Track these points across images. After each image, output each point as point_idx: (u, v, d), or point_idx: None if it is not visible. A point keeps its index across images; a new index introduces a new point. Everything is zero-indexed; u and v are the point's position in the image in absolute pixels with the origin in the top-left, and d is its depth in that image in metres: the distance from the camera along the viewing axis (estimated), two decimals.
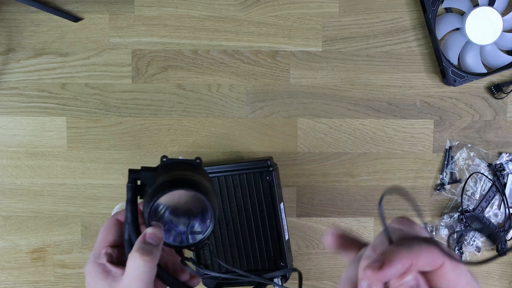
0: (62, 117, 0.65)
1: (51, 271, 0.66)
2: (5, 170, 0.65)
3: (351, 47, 0.65)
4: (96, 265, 0.41)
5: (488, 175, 0.66)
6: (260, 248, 0.59)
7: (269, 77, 0.65)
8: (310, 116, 0.65)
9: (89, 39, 0.64)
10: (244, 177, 0.58)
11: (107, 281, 0.40)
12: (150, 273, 0.39)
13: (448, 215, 0.66)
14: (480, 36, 0.62)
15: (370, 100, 0.65)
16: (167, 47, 0.65)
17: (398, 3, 0.65)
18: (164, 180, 0.39)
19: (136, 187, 0.42)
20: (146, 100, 0.65)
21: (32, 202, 0.66)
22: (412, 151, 0.66)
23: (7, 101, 0.65)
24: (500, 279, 0.67)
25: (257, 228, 0.59)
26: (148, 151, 0.65)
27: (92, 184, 0.66)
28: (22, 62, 0.64)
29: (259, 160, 0.59)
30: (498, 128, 0.66)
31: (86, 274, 0.42)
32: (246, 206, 0.58)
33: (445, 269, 0.27)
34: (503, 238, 0.31)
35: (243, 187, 0.58)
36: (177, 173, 0.41)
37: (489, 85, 0.66)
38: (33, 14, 0.64)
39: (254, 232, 0.59)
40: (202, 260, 0.59)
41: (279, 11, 0.64)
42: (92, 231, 0.66)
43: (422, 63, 0.65)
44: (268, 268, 0.58)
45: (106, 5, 0.64)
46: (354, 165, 0.66)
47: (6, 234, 0.66)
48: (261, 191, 0.58)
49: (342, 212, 0.66)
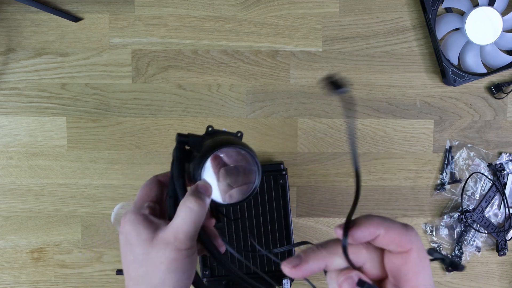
0: (62, 117, 0.65)
1: (51, 271, 0.66)
2: (5, 170, 0.65)
3: (351, 47, 0.65)
4: (138, 214, 0.41)
5: (488, 175, 0.66)
6: (270, 250, 0.59)
7: (269, 77, 0.65)
8: (310, 116, 0.65)
9: (89, 39, 0.64)
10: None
11: (150, 229, 0.40)
12: (200, 218, 0.39)
13: (448, 215, 0.66)
14: (480, 36, 0.62)
15: (370, 100, 0.65)
16: (167, 47, 0.65)
17: (398, 3, 0.65)
18: (215, 140, 0.42)
19: (183, 150, 0.43)
20: (146, 100, 0.65)
21: (32, 202, 0.66)
22: (412, 151, 0.66)
23: (7, 101, 0.65)
24: (500, 279, 0.67)
25: (267, 230, 0.59)
26: (148, 151, 0.65)
27: (92, 184, 0.66)
28: (22, 62, 0.64)
29: (273, 164, 0.60)
30: (498, 128, 0.66)
31: (125, 223, 0.41)
32: (259, 208, 0.58)
33: (411, 256, 0.28)
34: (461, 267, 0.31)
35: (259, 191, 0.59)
36: (224, 137, 0.43)
37: (489, 85, 0.66)
38: (33, 14, 0.64)
39: (265, 233, 0.59)
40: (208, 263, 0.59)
41: (279, 11, 0.64)
42: (92, 231, 0.66)
43: (422, 63, 0.65)
44: (276, 270, 0.59)
45: (106, 5, 0.64)
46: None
47: (6, 234, 0.66)
48: (273, 193, 0.58)
49: (342, 212, 0.66)
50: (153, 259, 0.39)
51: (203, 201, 0.40)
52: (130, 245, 0.40)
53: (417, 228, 0.67)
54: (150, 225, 0.40)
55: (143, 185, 0.44)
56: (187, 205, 0.39)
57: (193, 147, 0.43)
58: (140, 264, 0.40)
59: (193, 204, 0.39)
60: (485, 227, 0.66)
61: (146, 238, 0.40)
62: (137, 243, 0.40)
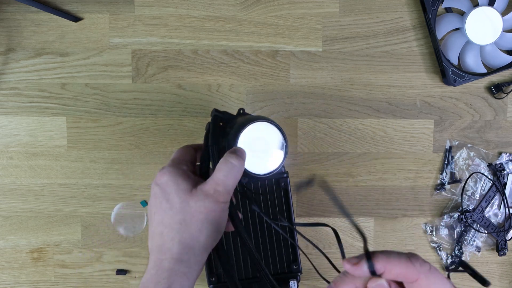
0: (62, 117, 0.65)
1: (51, 271, 0.66)
2: (5, 170, 0.65)
3: (351, 47, 0.65)
4: (177, 168, 0.43)
5: (488, 175, 0.66)
6: (275, 253, 0.59)
7: (269, 77, 0.65)
8: (310, 116, 0.65)
9: (89, 39, 0.64)
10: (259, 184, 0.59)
11: (189, 182, 0.42)
12: (239, 175, 0.42)
13: (448, 215, 0.66)
14: (480, 36, 0.62)
15: (370, 100, 0.65)
16: (167, 47, 0.65)
17: (398, 3, 0.65)
18: (249, 117, 0.46)
19: (218, 124, 0.48)
20: (146, 100, 0.65)
21: (32, 202, 0.66)
22: (412, 151, 0.66)
23: (7, 101, 0.65)
24: (500, 279, 0.67)
25: (271, 233, 0.59)
26: (148, 151, 0.65)
27: (92, 184, 0.66)
28: (22, 62, 0.64)
29: None
30: (498, 128, 0.66)
31: (163, 174, 0.42)
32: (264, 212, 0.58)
33: (420, 284, 0.29)
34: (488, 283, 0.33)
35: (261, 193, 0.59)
36: (256, 115, 0.47)
37: (489, 85, 0.66)
38: (33, 14, 0.64)
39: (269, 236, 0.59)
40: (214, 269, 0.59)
41: (279, 11, 0.64)
42: (92, 231, 0.66)
43: (422, 63, 0.65)
44: (282, 272, 0.59)
45: (106, 5, 0.64)
46: (354, 165, 0.66)
47: (6, 234, 0.66)
48: (276, 197, 0.58)
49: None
50: (191, 208, 0.41)
51: (243, 160, 0.42)
52: (167, 194, 0.41)
53: (417, 228, 0.67)
54: (188, 179, 0.42)
55: (179, 149, 0.47)
56: (228, 160, 0.42)
57: (226, 123, 0.48)
58: (177, 212, 0.41)
59: (235, 160, 0.42)
60: (485, 227, 0.66)
61: (185, 189, 0.41)
62: (176, 192, 0.41)
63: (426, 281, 0.29)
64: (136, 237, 0.66)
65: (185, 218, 0.41)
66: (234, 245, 0.58)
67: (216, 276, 0.57)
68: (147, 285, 0.40)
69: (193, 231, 0.41)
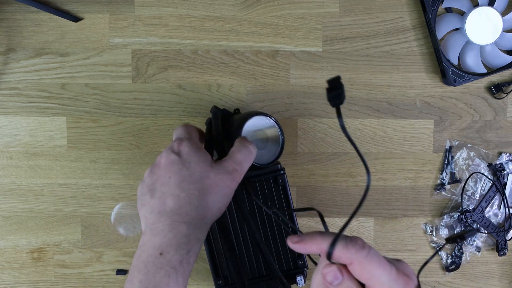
0: (62, 117, 0.65)
1: (51, 271, 0.66)
2: (5, 170, 0.65)
3: (351, 47, 0.65)
4: (196, 142, 0.46)
5: (488, 175, 0.66)
6: (279, 250, 0.59)
7: (269, 77, 0.65)
8: (310, 116, 0.65)
9: (89, 39, 0.64)
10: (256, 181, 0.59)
11: (208, 156, 0.44)
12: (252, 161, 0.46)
13: (448, 215, 0.66)
14: (480, 36, 0.62)
15: (370, 100, 0.65)
16: (167, 47, 0.65)
17: (398, 3, 0.65)
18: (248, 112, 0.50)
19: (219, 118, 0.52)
20: (146, 100, 0.65)
21: (32, 202, 0.66)
22: (412, 151, 0.66)
23: (7, 101, 0.65)
24: (500, 279, 0.67)
25: (273, 229, 0.59)
26: (148, 151, 0.65)
27: (92, 184, 0.66)
28: (22, 62, 0.64)
29: None
30: (498, 128, 0.66)
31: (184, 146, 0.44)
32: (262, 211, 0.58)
33: (354, 268, 0.31)
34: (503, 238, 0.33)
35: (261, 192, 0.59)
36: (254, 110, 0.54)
37: (489, 85, 0.66)
38: (33, 14, 0.64)
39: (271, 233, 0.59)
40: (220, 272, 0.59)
41: (279, 11, 0.64)
42: (92, 231, 0.66)
43: (422, 63, 0.65)
44: (288, 268, 0.59)
45: (106, 5, 0.64)
46: (354, 165, 0.66)
47: (6, 234, 0.66)
48: (274, 194, 0.58)
49: (342, 212, 0.66)
50: (211, 179, 0.42)
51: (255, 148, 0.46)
52: (188, 163, 0.43)
53: (417, 228, 0.67)
54: (207, 153, 0.45)
55: (185, 126, 0.49)
56: (246, 145, 0.45)
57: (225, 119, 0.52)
58: (197, 180, 0.42)
59: (252, 146, 0.45)
60: (485, 227, 0.66)
61: (207, 160, 0.43)
62: (197, 163, 0.43)
63: (359, 265, 0.30)
64: (136, 237, 0.66)
65: (204, 187, 0.42)
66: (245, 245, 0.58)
67: (223, 278, 0.57)
68: (167, 249, 0.40)
69: (208, 201, 0.42)
